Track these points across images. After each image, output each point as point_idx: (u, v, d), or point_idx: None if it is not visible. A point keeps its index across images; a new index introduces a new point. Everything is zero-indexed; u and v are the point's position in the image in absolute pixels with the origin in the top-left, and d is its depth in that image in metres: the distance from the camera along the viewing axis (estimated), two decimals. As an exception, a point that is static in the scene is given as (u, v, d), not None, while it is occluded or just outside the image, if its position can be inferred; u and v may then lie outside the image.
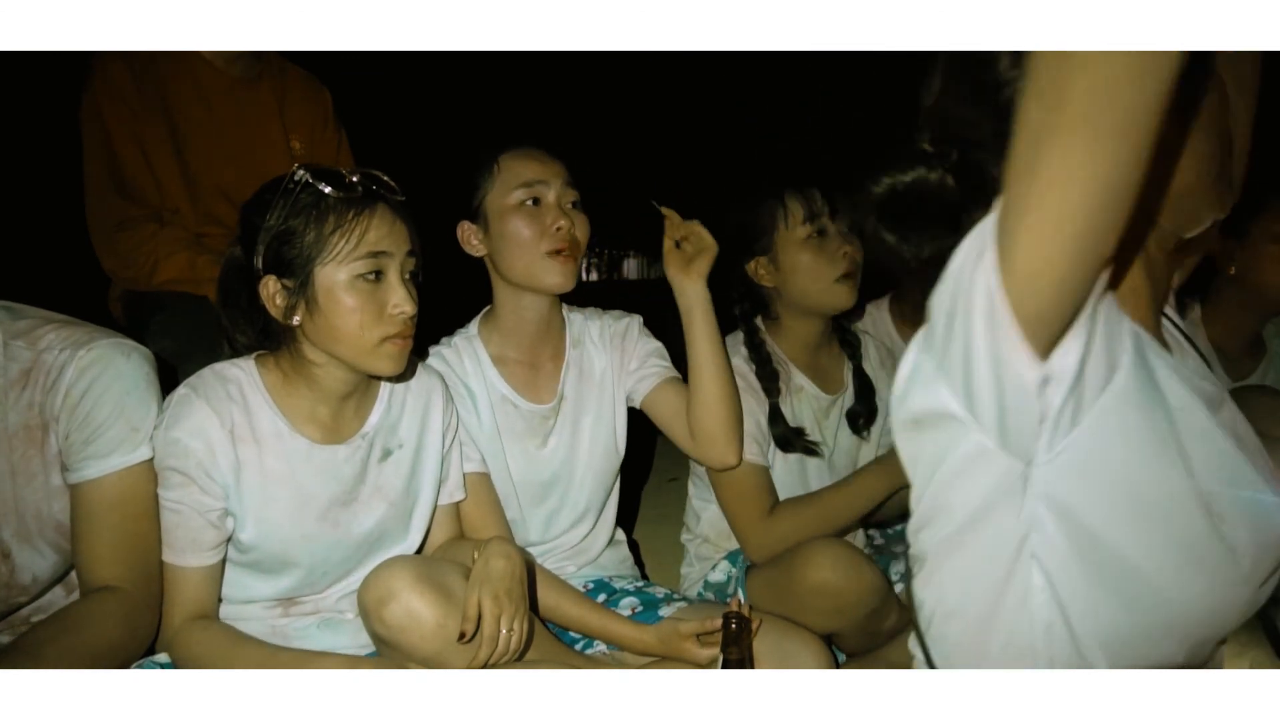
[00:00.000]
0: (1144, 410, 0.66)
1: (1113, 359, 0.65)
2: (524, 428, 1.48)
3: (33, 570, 1.12)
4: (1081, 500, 0.68)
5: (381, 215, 1.14)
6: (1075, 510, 0.68)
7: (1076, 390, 0.63)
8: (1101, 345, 0.64)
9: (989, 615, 0.72)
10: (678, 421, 1.50)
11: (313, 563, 1.21)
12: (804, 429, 1.61)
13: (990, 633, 0.73)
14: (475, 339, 1.49)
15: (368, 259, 1.11)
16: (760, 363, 1.60)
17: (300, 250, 1.11)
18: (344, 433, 1.23)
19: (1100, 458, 0.66)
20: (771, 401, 1.58)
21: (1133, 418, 0.66)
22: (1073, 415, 0.64)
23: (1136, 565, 0.67)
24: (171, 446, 1.12)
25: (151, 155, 1.77)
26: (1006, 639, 0.72)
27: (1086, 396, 0.64)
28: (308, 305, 1.12)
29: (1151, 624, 0.69)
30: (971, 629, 0.74)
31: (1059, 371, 0.62)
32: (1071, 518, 0.68)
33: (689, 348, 1.45)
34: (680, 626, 1.29)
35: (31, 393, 1.09)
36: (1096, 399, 0.65)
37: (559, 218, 1.39)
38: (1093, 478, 0.67)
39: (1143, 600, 0.68)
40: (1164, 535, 0.67)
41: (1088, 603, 0.69)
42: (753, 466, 1.53)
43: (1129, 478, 0.67)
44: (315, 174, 1.12)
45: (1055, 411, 0.64)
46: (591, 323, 1.57)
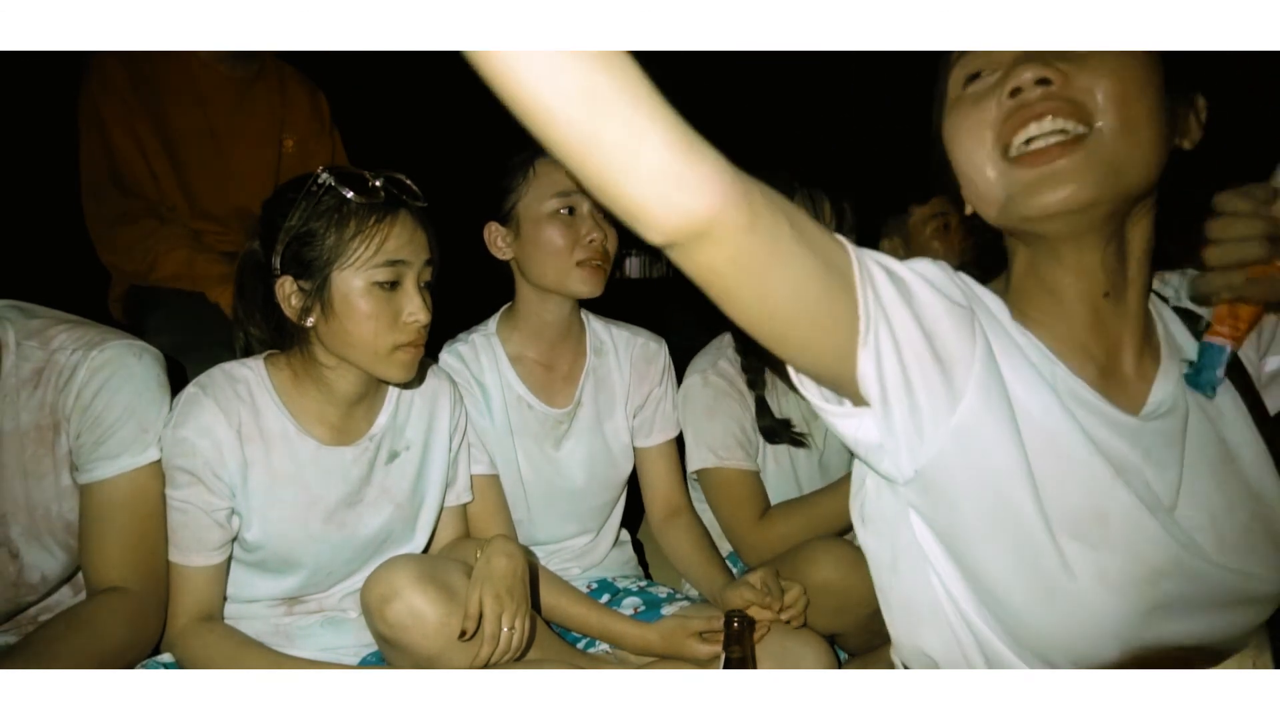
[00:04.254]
0: (993, 429, 0.66)
1: (958, 379, 0.66)
2: (538, 429, 1.48)
3: (41, 569, 1.13)
4: (941, 524, 0.70)
5: (403, 223, 1.14)
6: (939, 532, 0.71)
7: (897, 413, 0.65)
8: (927, 368, 0.65)
9: (915, 615, 0.77)
10: (653, 489, 1.57)
11: (318, 563, 1.22)
12: (790, 420, 1.61)
13: (919, 632, 0.77)
14: (493, 337, 1.49)
15: (386, 267, 1.11)
16: (745, 354, 1.59)
17: (319, 253, 1.11)
18: (352, 434, 1.24)
19: (953, 484, 0.68)
20: (757, 394, 1.58)
21: (982, 440, 0.66)
22: (918, 439, 0.66)
23: (993, 589, 0.69)
24: (179, 445, 1.13)
25: (147, 150, 1.78)
26: (933, 639, 0.75)
27: (927, 421, 0.65)
28: (323, 308, 1.12)
29: (1028, 642, 0.70)
30: (905, 626, 0.80)
31: (867, 395, 0.65)
32: (939, 536, 0.71)
33: None
34: (686, 623, 1.29)
35: (43, 392, 1.09)
36: (943, 422, 0.65)
37: (593, 229, 1.39)
38: (947, 503, 0.69)
39: (1010, 622, 0.70)
40: (1014, 565, 0.68)
41: (974, 610, 0.72)
42: (742, 472, 1.53)
43: (979, 507, 0.68)
44: (339, 177, 1.12)
45: (890, 436, 0.66)
46: (618, 335, 1.56)
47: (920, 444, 0.66)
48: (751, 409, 1.58)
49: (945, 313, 0.67)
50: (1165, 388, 0.75)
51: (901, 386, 0.64)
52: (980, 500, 0.67)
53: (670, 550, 1.53)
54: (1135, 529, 0.67)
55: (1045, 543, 0.66)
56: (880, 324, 0.62)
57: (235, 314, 1.23)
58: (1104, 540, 0.67)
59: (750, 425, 1.57)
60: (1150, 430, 0.72)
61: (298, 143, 1.97)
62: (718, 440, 1.54)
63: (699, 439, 1.56)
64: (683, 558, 1.50)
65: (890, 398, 0.64)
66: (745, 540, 1.53)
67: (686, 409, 1.59)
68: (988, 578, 0.69)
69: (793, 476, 1.64)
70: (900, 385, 0.64)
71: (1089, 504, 0.67)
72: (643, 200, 0.52)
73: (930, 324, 0.65)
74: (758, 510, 1.53)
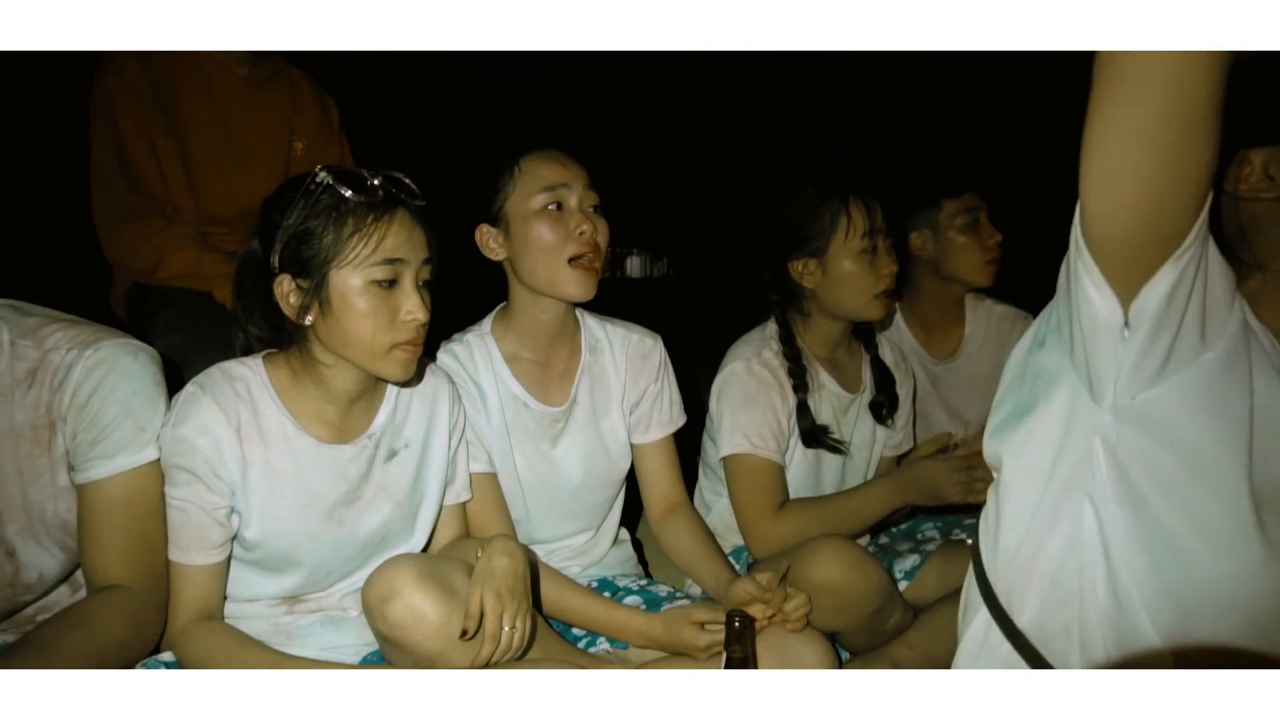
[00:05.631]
0: (1226, 395, 0.70)
1: (1211, 334, 0.69)
2: (534, 428, 1.48)
3: (39, 569, 1.13)
4: (1136, 458, 0.73)
5: (401, 222, 1.13)
6: (1128, 465, 0.72)
7: (1157, 344, 0.68)
8: (1195, 314, 0.68)
9: (1041, 538, 0.77)
10: (651, 486, 1.56)
11: (317, 561, 1.22)
12: (829, 426, 1.62)
13: (1038, 560, 0.78)
14: (488, 337, 1.49)
15: (384, 265, 1.11)
16: (792, 358, 1.62)
17: (317, 252, 1.11)
18: (350, 432, 1.24)
19: (1167, 424, 0.70)
20: (800, 397, 1.60)
21: (1212, 398, 0.69)
22: (1154, 372, 0.69)
23: (1172, 533, 0.72)
24: (178, 444, 1.12)
25: (159, 151, 1.79)
26: (1054, 575, 0.77)
27: (1172, 361, 0.68)
28: (321, 307, 1.12)
29: (1182, 594, 0.71)
30: (1026, 550, 0.79)
31: (1138, 314, 0.67)
32: (1124, 470, 0.72)
33: None
34: (689, 613, 1.29)
35: (38, 392, 1.09)
36: (1182, 368, 0.68)
37: (581, 222, 1.38)
38: (1154, 440, 0.72)
39: (1173, 569, 0.71)
40: (1205, 515, 0.70)
41: (1129, 555, 0.72)
42: (769, 462, 1.55)
43: (1188, 452, 0.70)
44: (337, 176, 1.12)
45: (1133, 360, 0.68)
46: (614, 332, 1.56)
47: (1159, 374, 0.70)
48: (790, 403, 1.60)
49: (1223, 273, 0.71)
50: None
51: (1179, 312, 0.68)
52: (1197, 444, 0.70)
53: (670, 546, 1.53)
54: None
55: (1244, 502, 0.69)
56: (1195, 252, 0.66)
57: (234, 312, 1.24)
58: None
59: (787, 420, 1.59)
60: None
61: (307, 146, 1.97)
62: (754, 428, 1.56)
63: (735, 424, 1.57)
64: (684, 552, 1.50)
65: (1165, 320, 0.67)
66: (758, 530, 1.54)
67: (725, 393, 1.60)
68: (1172, 519, 0.71)
69: (815, 478, 1.65)
70: (1179, 311, 0.68)
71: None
72: None
73: (1214, 277, 0.69)
74: (776, 502, 1.55)
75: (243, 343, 1.24)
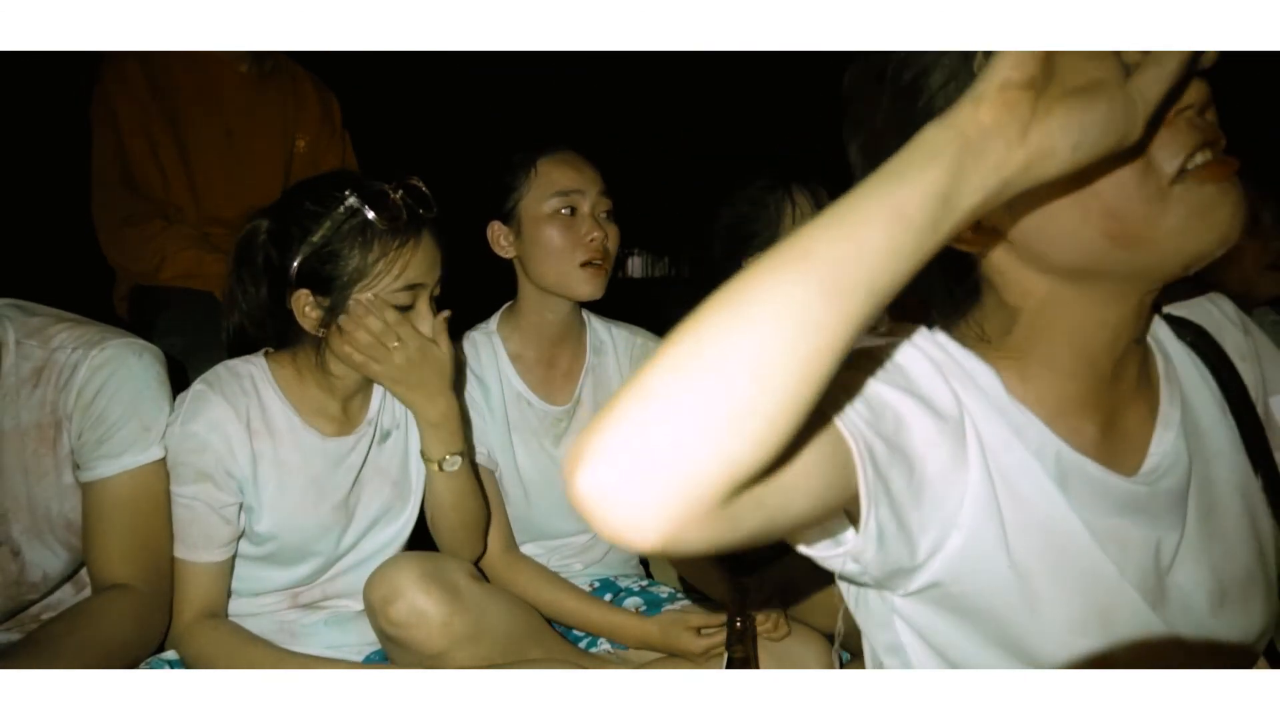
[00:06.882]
0: (988, 560, 0.62)
1: (945, 525, 0.61)
2: (537, 426, 1.49)
3: (43, 568, 1.13)
4: (936, 629, 0.68)
5: (424, 246, 1.15)
6: (929, 636, 0.69)
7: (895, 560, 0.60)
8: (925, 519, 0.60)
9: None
10: None
11: (327, 549, 1.23)
12: None
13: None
14: (494, 335, 1.50)
15: (404, 291, 1.13)
16: None
17: (341, 274, 1.12)
18: (352, 424, 1.26)
19: (943, 606, 0.66)
20: None
21: (976, 569, 0.63)
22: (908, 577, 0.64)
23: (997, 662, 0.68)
24: (188, 441, 1.13)
25: (160, 151, 1.78)
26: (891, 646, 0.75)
27: (920, 568, 0.62)
28: (339, 326, 1.14)
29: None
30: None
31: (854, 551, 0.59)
32: (928, 640, 0.70)
33: None
34: (685, 618, 1.30)
35: (44, 391, 1.09)
36: (933, 564, 0.62)
37: (593, 229, 1.39)
38: (951, 615, 0.67)
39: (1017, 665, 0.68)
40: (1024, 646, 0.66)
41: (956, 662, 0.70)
42: None
43: (975, 620, 0.66)
44: (364, 197, 1.12)
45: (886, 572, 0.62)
46: (618, 335, 1.57)
47: (914, 577, 0.63)
48: None
49: (937, 436, 0.59)
50: (1166, 439, 0.68)
51: (899, 539, 0.59)
52: (979, 617, 0.65)
53: None
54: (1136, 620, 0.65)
55: (1045, 647, 0.65)
56: (881, 501, 0.56)
57: (226, 304, 1.24)
58: (1106, 636, 0.65)
59: None
60: (1153, 494, 0.67)
61: (309, 143, 1.97)
62: None
63: None
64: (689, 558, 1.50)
65: (888, 552, 0.59)
66: None
67: None
68: (992, 662, 0.67)
69: None
70: (898, 539, 0.59)
71: (1091, 602, 0.65)
72: None
73: (921, 463, 0.59)
74: None
75: (231, 335, 1.24)
